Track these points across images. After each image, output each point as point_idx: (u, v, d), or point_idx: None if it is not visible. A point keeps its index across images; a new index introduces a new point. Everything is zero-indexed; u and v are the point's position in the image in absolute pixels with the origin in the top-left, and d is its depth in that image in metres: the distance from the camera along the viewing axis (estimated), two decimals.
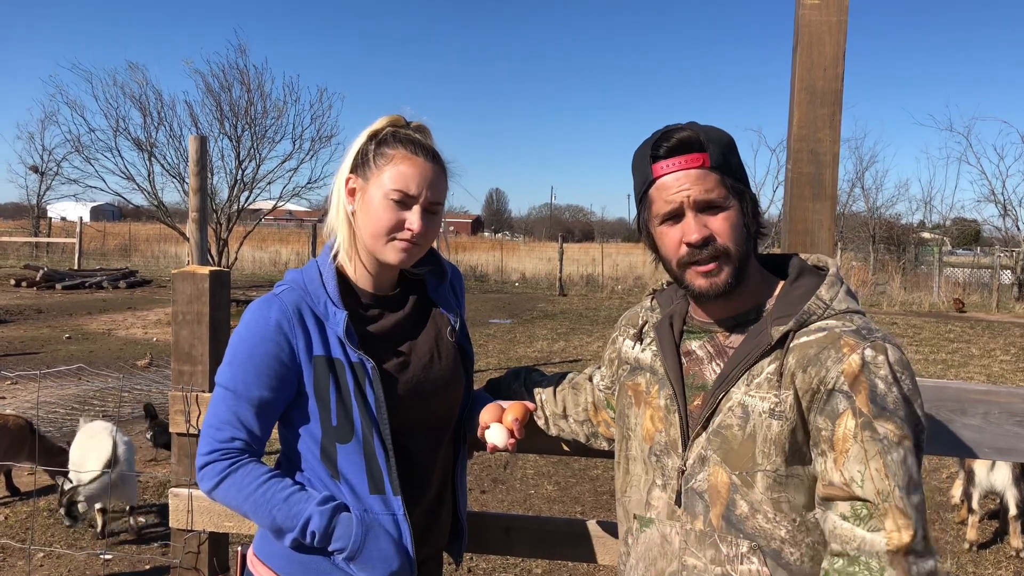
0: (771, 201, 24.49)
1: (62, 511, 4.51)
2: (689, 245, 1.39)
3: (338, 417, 1.57)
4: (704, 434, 1.42)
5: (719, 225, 1.39)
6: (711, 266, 1.39)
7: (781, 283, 1.48)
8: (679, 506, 1.44)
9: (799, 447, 1.35)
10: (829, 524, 1.31)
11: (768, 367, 1.37)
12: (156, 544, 4.53)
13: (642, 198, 1.47)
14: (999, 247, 24.79)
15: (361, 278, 1.68)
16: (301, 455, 1.63)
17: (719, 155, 1.40)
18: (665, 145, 1.40)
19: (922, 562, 1.25)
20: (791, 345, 1.36)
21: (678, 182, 1.39)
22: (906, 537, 1.24)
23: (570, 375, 1.88)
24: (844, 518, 1.29)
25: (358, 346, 1.59)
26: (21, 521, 4.97)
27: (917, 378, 1.39)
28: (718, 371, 1.44)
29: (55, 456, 5.12)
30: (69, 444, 5.07)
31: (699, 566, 1.41)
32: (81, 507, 4.54)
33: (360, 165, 1.62)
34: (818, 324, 1.37)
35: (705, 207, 1.39)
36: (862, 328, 1.35)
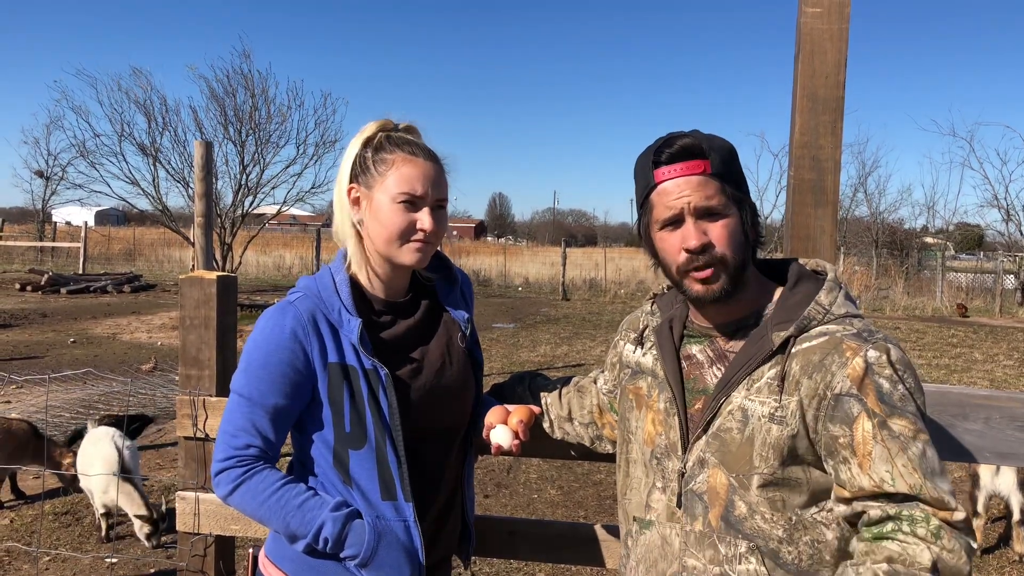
0: (774, 206, 24.51)
1: (147, 539, 4.50)
2: (688, 251, 1.41)
3: (351, 423, 1.59)
4: (704, 437, 1.44)
5: (718, 232, 1.41)
6: (708, 272, 1.41)
7: (780, 288, 1.50)
8: (679, 508, 1.46)
9: (799, 452, 1.37)
10: (867, 512, 1.31)
11: (769, 372, 1.39)
12: (161, 548, 4.54)
13: (643, 203, 1.49)
14: (1002, 252, 24.77)
15: (373, 285, 1.69)
16: (314, 460, 1.65)
17: (720, 163, 1.42)
18: (667, 151, 1.42)
19: (964, 536, 1.27)
20: (793, 351, 1.38)
21: (679, 188, 1.41)
22: (944, 515, 1.27)
23: (575, 379, 1.90)
24: (885, 507, 1.29)
25: (372, 353, 1.60)
26: (26, 524, 5.00)
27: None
28: (719, 375, 1.46)
29: (61, 459, 5.13)
30: (73, 450, 5.09)
31: (698, 567, 1.42)
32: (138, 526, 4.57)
33: (360, 173, 1.63)
34: (819, 329, 1.39)
35: (705, 214, 1.41)
36: (863, 331, 1.37)
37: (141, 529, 4.46)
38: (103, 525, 4.74)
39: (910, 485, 1.27)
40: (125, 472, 4.58)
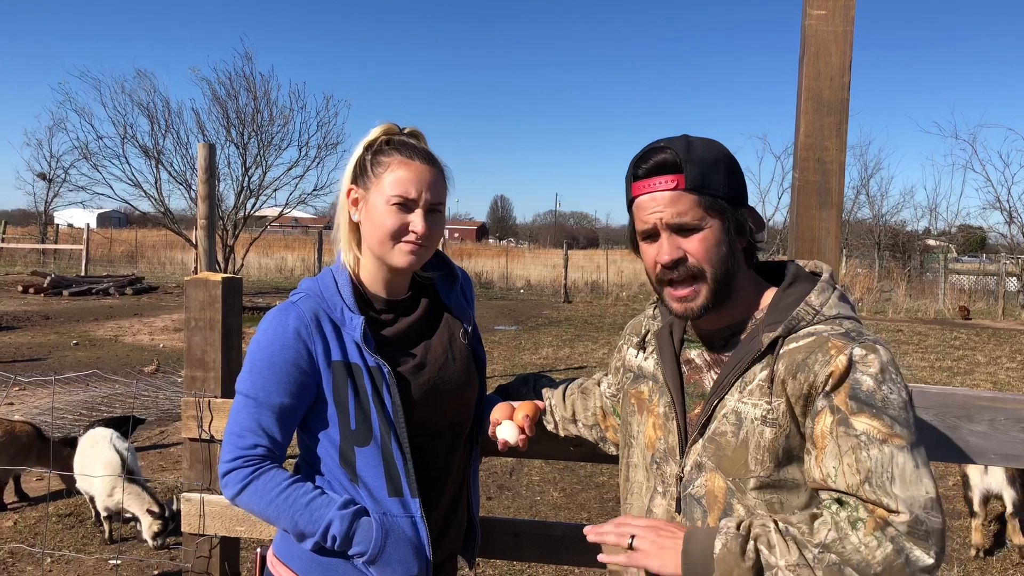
0: (776, 208, 24.50)
1: (152, 541, 4.51)
2: (662, 265, 1.42)
3: (356, 421, 1.60)
4: (700, 441, 1.44)
5: (694, 246, 1.41)
6: (687, 291, 1.42)
7: (774, 290, 1.50)
8: (679, 512, 1.46)
9: (793, 452, 1.37)
10: (820, 495, 1.34)
11: (760, 374, 1.39)
12: (165, 549, 4.55)
13: (629, 212, 1.51)
14: (1005, 254, 24.73)
15: (373, 284, 1.70)
16: (320, 459, 1.66)
17: (697, 175, 1.39)
18: (643, 166, 1.43)
19: (903, 541, 1.22)
20: (781, 352, 1.38)
21: (653, 203, 1.41)
22: (882, 512, 1.24)
23: (579, 380, 1.91)
24: (832, 494, 1.31)
25: (375, 350, 1.61)
26: (31, 526, 5.00)
27: (923, 385, 1.41)
28: (715, 379, 1.47)
29: (70, 460, 5.13)
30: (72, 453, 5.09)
31: None
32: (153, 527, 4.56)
33: (359, 175, 1.65)
34: (807, 330, 1.38)
35: (678, 229, 1.41)
36: (851, 331, 1.37)
37: (150, 527, 4.45)
38: (106, 527, 4.75)
39: (848, 484, 1.27)
40: (129, 473, 4.58)
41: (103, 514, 4.71)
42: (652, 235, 1.44)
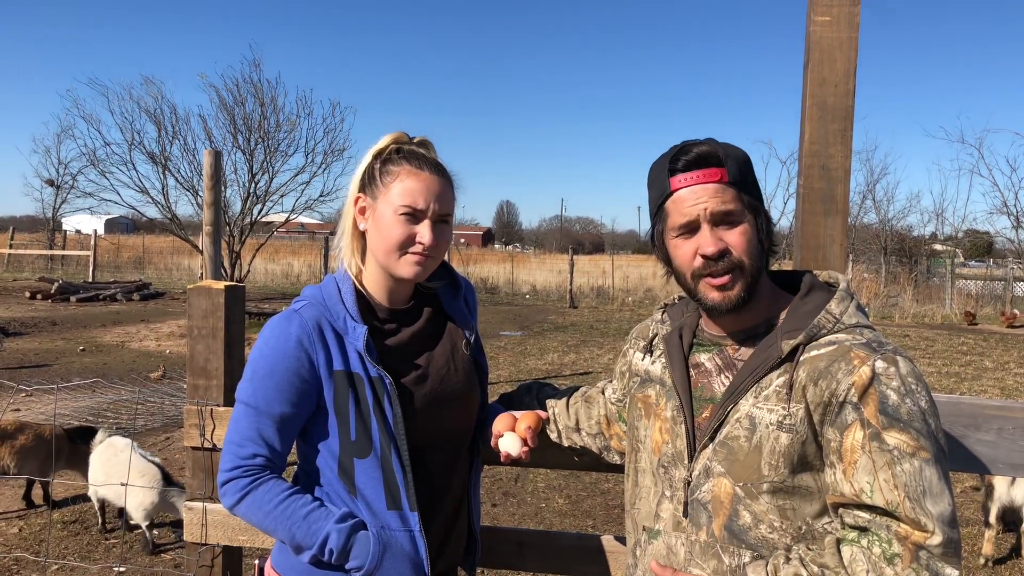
0: (782, 213, 24.45)
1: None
2: (704, 257, 1.40)
3: (357, 432, 1.59)
4: (711, 445, 1.43)
5: (735, 239, 1.40)
6: (725, 279, 1.41)
7: (790, 298, 1.49)
8: (686, 517, 1.45)
9: (809, 459, 1.36)
10: (842, 518, 1.33)
11: (777, 380, 1.38)
12: (169, 556, 4.54)
13: (658, 211, 1.48)
14: (1012, 259, 24.62)
15: (376, 293, 1.69)
16: (319, 470, 1.65)
17: (737, 171, 1.41)
18: (684, 159, 1.42)
19: (936, 563, 1.25)
20: (801, 359, 1.37)
21: (695, 195, 1.41)
22: (917, 537, 1.25)
23: (583, 388, 1.89)
24: (858, 516, 1.30)
25: (377, 360, 1.60)
26: (35, 533, 5.00)
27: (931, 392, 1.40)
28: (726, 383, 1.46)
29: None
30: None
31: None
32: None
33: (368, 184, 1.64)
34: (828, 338, 1.38)
35: (721, 221, 1.41)
36: (872, 341, 1.36)
37: None
38: (123, 533, 4.74)
39: (887, 500, 1.26)
40: (170, 482, 4.59)
41: (145, 523, 4.66)
42: (692, 228, 1.42)
